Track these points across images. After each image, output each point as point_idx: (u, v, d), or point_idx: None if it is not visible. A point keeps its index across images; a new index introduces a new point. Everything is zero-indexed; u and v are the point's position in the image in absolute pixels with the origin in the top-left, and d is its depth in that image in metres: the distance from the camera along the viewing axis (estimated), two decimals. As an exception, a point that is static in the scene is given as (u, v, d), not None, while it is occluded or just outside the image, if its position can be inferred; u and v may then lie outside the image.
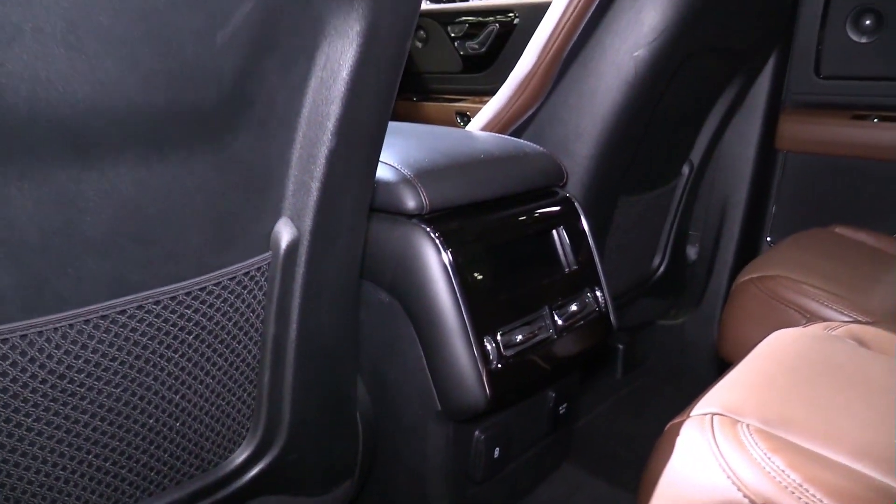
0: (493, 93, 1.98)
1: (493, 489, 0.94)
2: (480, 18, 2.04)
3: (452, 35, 2.09)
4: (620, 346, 1.56)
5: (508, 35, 1.98)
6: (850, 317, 0.94)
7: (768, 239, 1.58)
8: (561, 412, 0.99)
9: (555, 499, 1.09)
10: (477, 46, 2.04)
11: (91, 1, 0.42)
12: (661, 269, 1.45)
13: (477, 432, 0.86)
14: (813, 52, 1.49)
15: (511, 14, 1.98)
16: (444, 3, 2.21)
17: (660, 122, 1.17)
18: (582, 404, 1.42)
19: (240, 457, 0.67)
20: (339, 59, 0.56)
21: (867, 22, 1.44)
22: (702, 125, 1.38)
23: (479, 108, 1.95)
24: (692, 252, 1.59)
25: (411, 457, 0.85)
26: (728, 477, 0.53)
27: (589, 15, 1.02)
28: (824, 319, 0.93)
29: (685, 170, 1.39)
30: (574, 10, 1.03)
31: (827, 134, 1.48)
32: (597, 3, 1.01)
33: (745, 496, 0.52)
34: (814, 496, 0.50)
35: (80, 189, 0.48)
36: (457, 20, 2.08)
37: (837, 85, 1.48)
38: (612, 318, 0.97)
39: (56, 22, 0.41)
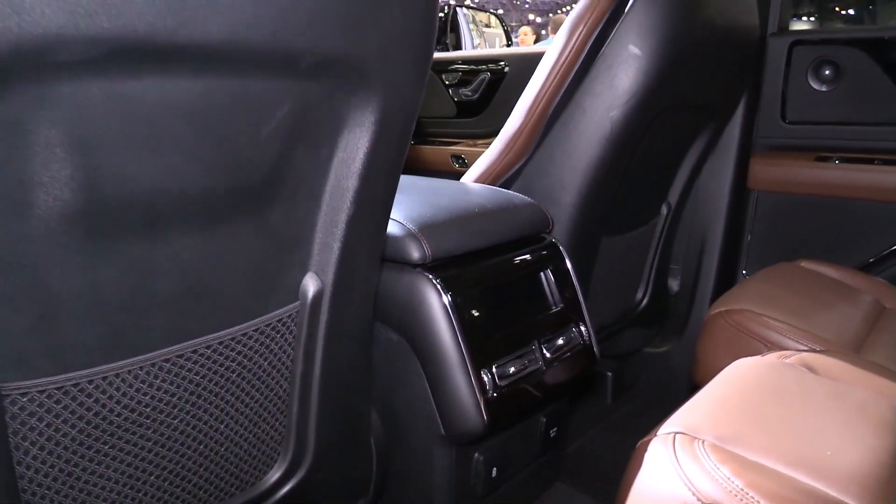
0: (485, 136, 2.12)
1: (492, 506, 1.04)
2: (473, 67, 2.18)
3: (447, 82, 2.22)
4: (610, 373, 1.67)
5: (499, 83, 2.12)
6: (807, 346, 1.06)
7: (744, 272, 1.70)
8: (552, 436, 1.10)
9: None
10: (470, 93, 2.17)
11: (169, 113, 0.54)
12: (645, 301, 1.56)
13: (476, 454, 0.97)
14: (779, 100, 1.62)
15: (502, 63, 2.12)
16: (439, 52, 2.35)
17: (637, 170, 1.30)
18: (575, 427, 1.52)
19: (273, 477, 0.78)
20: (356, 143, 0.68)
21: (826, 72, 1.58)
22: (678, 169, 1.50)
23: (473, 151, 2.08)
24: (674, 284, 1.71)
25: (419, 476, 0.96)
26: (685, 485, 0.64)
27: (569, 79, 1.15)
28: (783, 349, 1.04)
29: (664, 210, 1.51)
30: (556, 75, 1.16)
31: (794, 174, 1.61)
32: (576, 69, 1.14)
33: (697, 499, 0.63)
34: (753, 498, 0.61)
35: (151, 257, 0.59)
36: (451, 68, 2.22)
37: (802, 129, 1.62)
38: (595, 349, 1.09)
39: (143, 132, 0.53)
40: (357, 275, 0.77)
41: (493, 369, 0.91)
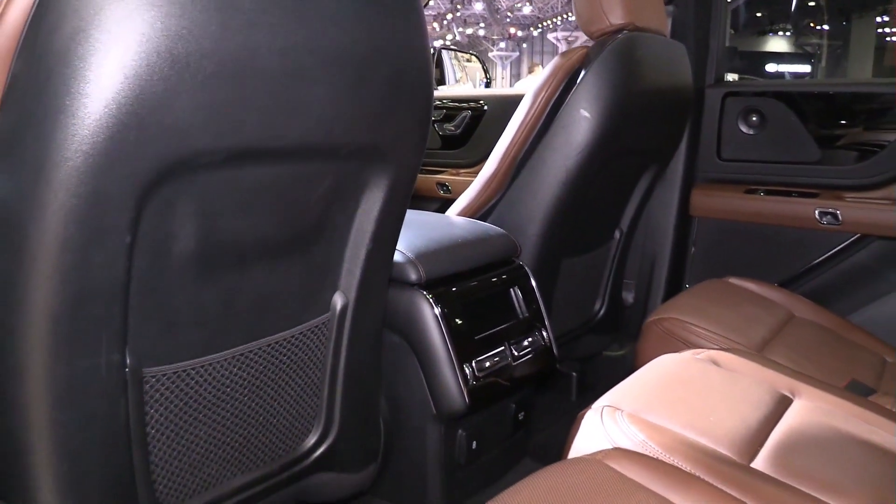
0: (467, 166, 2.40)
1: (472, 474, 1.31)
2: (456, 105, 2.47)
3: (433, 118, 2.51)
4: (574, 374, 1.94)
5: (479, 119, 2.41)
6: (717, 347, 1.34)
7: (686, 285, 1.99)
8: (520, 418, 1.37)
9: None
10: (453, 128, 2.46)
11: (258, 188, 0.81)
12: (602, 311, 1.84)
13: (460, 430, 1.24)
14: (715, 141, 1.92)
15: (481, 103, 2.41)
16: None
17: (592, 203, 1.58)
18: (545, 419, 1.79)
19: (309, 442, 1.05)
20: (374, 199, 0.96)
21: (753, 119, 1.88)
22: (628, 200, 1.78)
23: (456, 179, 2.36)
24: (628, 297, 1.99)
25: (415, 447, 1.23)
26: (606, 438, 0.92)
27: (533, 135, 1.44)
28: (699, 348, 1.33)
29: (617, 234, 1.79)
30: (523, 131, 1.45)
31: (727, 204, 1.91)
32: (539, 127, 1.43)
33: (612, 445, 0.90)
34: (651, 446, 0.89)
35: (237, 282, 0.86)
36: (437, 106, 2.51)
37: (734, 166, 1.91)
38: (554, 350, 1.37)
39: (241, 201, 0.80)
40: (372, 292, 1.04)
41: (473, 364, 1.19)
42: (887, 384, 1.36)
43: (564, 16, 30.52)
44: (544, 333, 1.36)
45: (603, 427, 0.95)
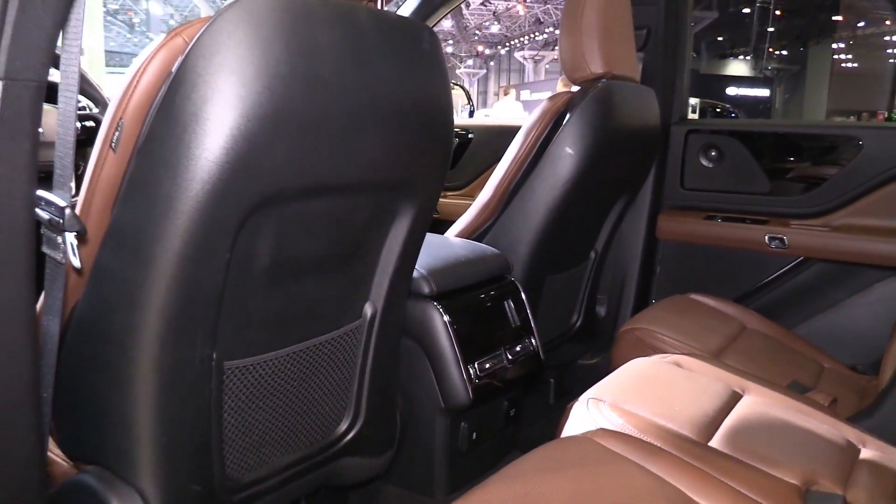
0: (454, 189, 2.61)
1: (471, 462, 1.51)
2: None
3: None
4: (552, 380, 2.15)
5: (467, 146, 2.62)
6: (680, 352, 1.56)
7: (653, 301, 2.22)
8: (511, 414, 1.58)
9: None
10: (442, 154, 2.67)
11: (320, 216, 1.00)
12: (578, 322, 2.06)
13: (462, 423, 1.44)
14: (679, 172, 2.16)
15: (468, 131, 2.62)
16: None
17: (572, 227, 1.80)
18: (527, 420, 1.99)
19: (340, 429, 1.23)
20: (402, 225, 1.15)
21: (712, 153, 2.12)
22: (602, 224, 2.01)
23: (446, 202, 2.56)
24: (601, 311, 2.21)
25: (425, 437, 1.42)
26: (592, 422, 1.13)
27: (525, 167, 1.65)
28: (665, 353, 1.55)
29: (592, 255, 2.02)
30: (516, 163, 1.66)
31: (690, 228, 2.15)
32: (529, 160, 1.65)
33: (595, 427, 1.11)
34: (628, 427, 1.10)
35: (295, 291, 1.05)
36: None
37: (695, 195, 2.15)
38: (541, 355, 1.58)
39: (305, 226, 1.00)
40: (395, 303, 1.24)
41: (475, 365, 1.39)
42: (823, 385, 1.59)
43: (531, 35, 31.13)
44: (533, 341, 1.57)
45: (589, 414, 1.16)
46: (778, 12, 29.54)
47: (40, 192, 0.75)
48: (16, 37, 0.65)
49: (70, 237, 0.79)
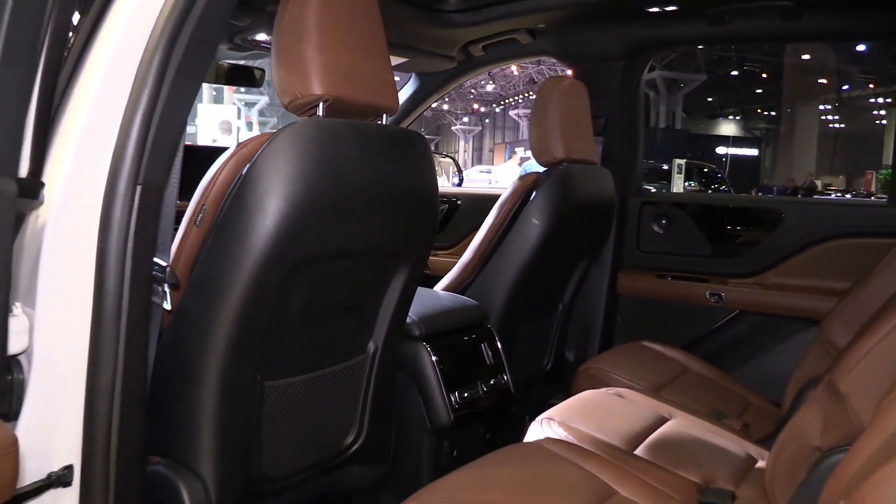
0: (444, 248, 2.96)
1: (452, 476, 1.83)
2: (436, 199, 3.05)
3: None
4: (527, 416, 2.47)
5: (454, 212, 2.99)
6: (625, 386, 1.90)
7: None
8: (487, 438, 1.91)
9: None
10: (434, 218, 3.05)
11: (337, 275, 1.36)
12: (549, 365, 2.40)
13: (445, 442, 1.77)
14: (635, 237, 2.53)
15: (456, 199, 3.00)
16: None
17: (540, 283, 2.15)
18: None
19: (348, 441, 1.56)
20: (398, 281, 1.50)
21: (663, 221, 2.50)
22: (568, 280, 2.36)
23: (436, 260, 2.92)
24: (570, 356, 2.55)
25: (413, 453, 1.74)
26: (542, 435, 1.46)
27: (498, 235, 2.02)
28: (612, 387, 1.88)
29: (560, 307, 2.37)
30: (492, 232, 2.03)
31: (645, 284, 2.50)
32: (503, 229, 2.01)
33: (546, 440, 1.44)
34: (568, 437, 1.43)
35: (318, 330, 1.40)
36: (420, 199, 3.10)
37: (649, 256, 2.52)
38: (511, 389, 1.91)
39: (326, 281, 1.35)
40: (392, 341, 1.58)
41: (456, 394, 1.73)
42: (747, 417, 1.92)
43: (525, 94, 32.03)
44: (505, 377, 1.91)
45: (541, 429, 1.49)
46: (765, 75, 30.52)
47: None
48: (155, 146, 1.00)
49: (167, 287, 1.14)
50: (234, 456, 1.30)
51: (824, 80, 28.91)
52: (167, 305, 1.16)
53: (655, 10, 2.17)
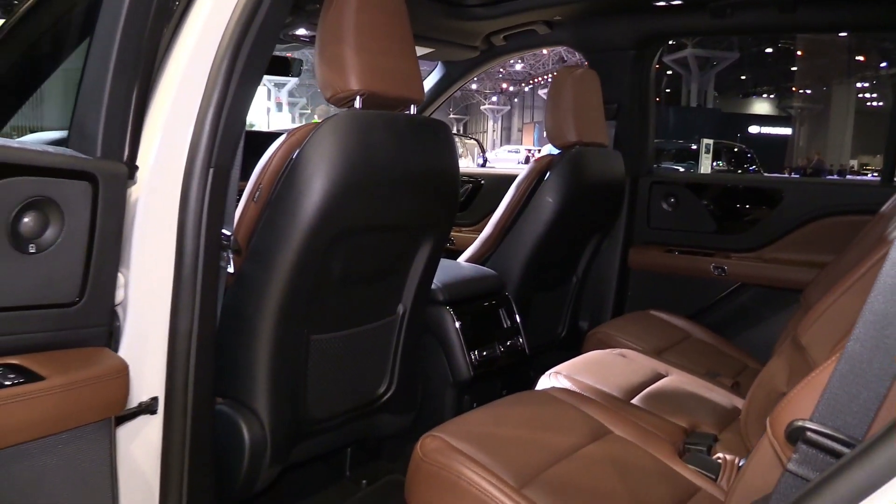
0: (468, 225, 3.18)
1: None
2: (462, 180, 3.26)
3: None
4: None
5: (478, 191, 3.20)
6: (629, 348, 2.10)
7: (625, 316, 2.76)
8: (503, 393, 2.12)
9: None
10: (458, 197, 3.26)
11: (371, 245, 1.58)
12: (563, 333, 2.61)
13: (466, 395, 1.99)
14: (646, 214, 2.72)
15: (480, 179, 3.20)
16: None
17: (554, 257, 2.36)
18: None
19: (380, 390, 1.78)
20: (424, 251, 1.71)
21: (671, 200, 2.68)
22: (581, 255, 2.56)
23: (461, 235, 3.14)
24: (584, 325, 2.75)
25: (437, 405, 1.97)
26: (549, 385, 1.67)
27: (516, 212, 2.22)
28: (619, 348, 2.08)
29: (573, 279, 2.57)
30: (510, 208, 2.24)
31: (654, 259, 2.69)
32: (519, 206, 2.21)
33: (552, 389, 1.65)
34: (572, 388, 1.64)
35: (353, 293, 1.62)
36: (446, 179, 3.31)
37: (658, 232, 2.70)
38: (526, 350, 2.12)
39: (361, 251, 1.57)
40: (419, 305, 1.79)
41: (475, 353, 1.95)
42: (742, 378, 2.11)
43: (555, 73, 31.88)
44: (520, 340, 2.13)
45: (549, 380, 1.71)
46: (800, 52, 30.05)
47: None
48: (224, 135, 1.22)
49: (231, 253, 1.37)
50: (285, 398, 1.52)
51: (861, 58, 28.41)
52: (231, 269, 1.39)
53: (662, 4, 2.34)
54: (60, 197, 0.97)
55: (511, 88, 40.08)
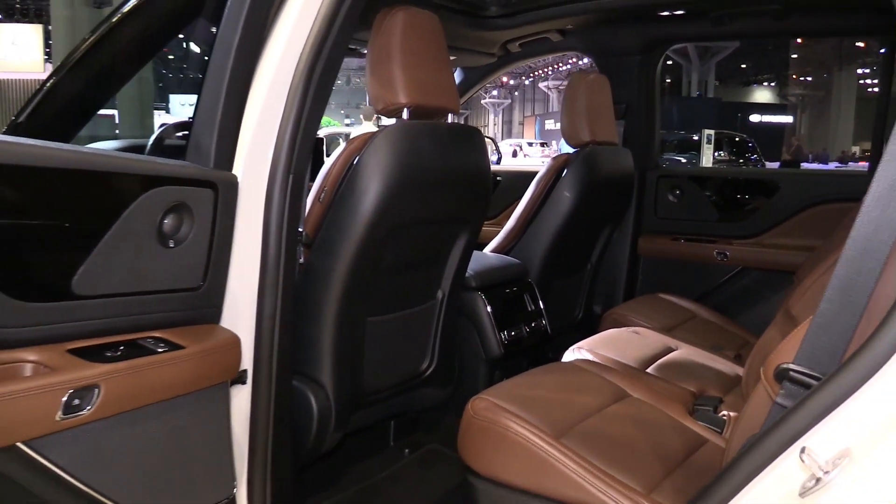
0: (488, 219, 3.38)
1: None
2: (479, 176, 3.49)
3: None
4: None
5: (496, 187, 3.43)
6: (641, 326, 2.33)
7: (636, 300, 2.98)
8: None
9: None
10: (477, 192, 3.48)
11: (418, 236, 1.81)
12: (580, 316, 2.84)
13: (497, 371, 2.22)
14: (653, 205, 2.94)
15: (496, 175, 3.43)
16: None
17: (571, 245, 2.58)
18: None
19: (423, 367, 2.02)
20: (461, 242, 1.94)
21: (677, 192, 2.90)
22: (595, 244, 2.79)
23: (483, 229, 3.35)
24: (598, 308, 2.98)
25: (472, 379, 2.20)
26: (574, 357, 1.90)
27: (537, 206, 2.45)
28: (631, 326, 2.31)
29: (588, 266, 2.80)
30: (531, 203, 2.47)
31: (661, 247, 2.92)
32: (540, 200, 2.44)
33: (577, 360, 1.88)
34: (594, 360, 1.87)
35: (401, 279, 1.85)
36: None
37: (665, 221, 2.93)
38: (548, 331, 2.36)
39: (406, 242, 1.80)
40: (455, 291, 2.02)
41: (504, 333, 2.18)
42: (743, 353, 2.34)
43: (555, 66, 32.11)
44: (543, 321, 2.36)
45: (573, 354, 1.94)
46: (800, 40, 30.12)
47: (296, 225, 1.56)
48: (301, 146, 1.45)
49: (301, 247, 1.60)
50: (346, 371, 1.76)
51: (861, 44, 28.47)
52: (301, 259, 1.62)
53: (666, 13, 2.57)
54: (192, 201, 1.20)
55: (511, 82, 40.21)
